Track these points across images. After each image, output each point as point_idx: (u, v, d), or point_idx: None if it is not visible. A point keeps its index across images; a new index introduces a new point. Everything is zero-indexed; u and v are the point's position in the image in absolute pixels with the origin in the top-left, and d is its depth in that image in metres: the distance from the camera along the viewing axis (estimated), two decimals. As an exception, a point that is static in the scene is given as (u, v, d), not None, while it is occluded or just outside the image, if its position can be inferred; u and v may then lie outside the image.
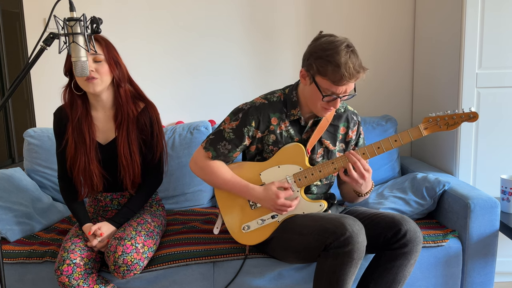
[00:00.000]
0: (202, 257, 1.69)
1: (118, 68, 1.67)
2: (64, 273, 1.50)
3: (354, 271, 1.42)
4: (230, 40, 2.55)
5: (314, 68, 1.46)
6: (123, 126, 1.69)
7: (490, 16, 1.99)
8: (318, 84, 1.47)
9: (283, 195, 1.55)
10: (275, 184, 1.58)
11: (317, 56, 1.45)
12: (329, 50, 1.43)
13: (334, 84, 1.44)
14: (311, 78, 1.49)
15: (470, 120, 1.50)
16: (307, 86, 1.53)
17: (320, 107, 1.52)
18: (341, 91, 1.46)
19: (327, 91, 1.47)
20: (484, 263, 1.78)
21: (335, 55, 1.41)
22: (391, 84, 2.62)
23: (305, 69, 1.51)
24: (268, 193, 1.57)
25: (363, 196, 1.63)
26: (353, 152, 1.53)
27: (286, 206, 1.55)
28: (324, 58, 1.43)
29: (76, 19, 1.24)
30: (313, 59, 1.47)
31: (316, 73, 1.47)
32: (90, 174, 1.69)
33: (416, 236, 1.48)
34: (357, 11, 2.55)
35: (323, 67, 1.43)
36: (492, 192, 2.07)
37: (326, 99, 1.48)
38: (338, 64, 1.41)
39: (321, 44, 1.46)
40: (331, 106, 1.51)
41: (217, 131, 1.65)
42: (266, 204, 1.58)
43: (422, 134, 1.52)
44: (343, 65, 1.40)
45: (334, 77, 1.43)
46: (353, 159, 1.51)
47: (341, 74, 1.41)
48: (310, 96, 1.53)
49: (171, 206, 2.21)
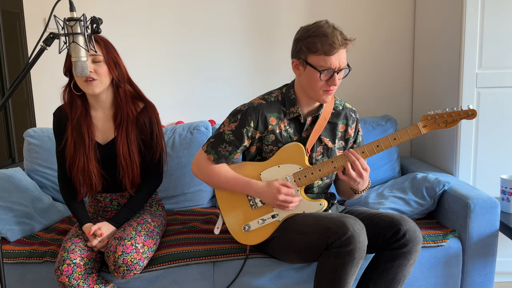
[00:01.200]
0: (202, 257, 1.69)
1: (118, 69, 1.66)
2: (64, 273, 1.50)
3: (355, 270, 1.42)
4: (230, 40, 2.55)
5: (304, 50, 1.50)
6: (122, 127, 1.69)
7: (490, 16, 1.99)
8: (311, 63, 1.50)
9: (285, 191, 1.56)
10: (278, 181, 1.58)
11: (303, 38, 1.51)
12: (312, 28, 1.50)
13: (327, 55, 1.47)
14: (304, 63, 1.52)
15: (469, 118, 1.50)
16: (302, 74, 1.55)
17: (320, 90, 1.53)
18: (335, 63, 1.48)
19: (322, 67, 1.49)
20: (484, 263, 1.78)
21: (319, 29, 1.49)
22: (391, 84, 2.62)
23: (296, 57, 1.55)
24: (270, 188, 1.57)
25: (359, 193, 1.64)
26: (352, 150, 1.54)
27: (287, 202, 1.55)
28: (310, 36, 1.49)
29: (76, 19, 1.24)
30: (300, 43, 1.52)
31: (307, 54, 1.50)
32: (89, 173, 1.69)
33: (415, 236, 1.48)
34: (357, 11, 2.55)
35: (312, 43, 1.48)
36: (492, 192, 2.07)
37: (324, 76, 1.49)
38: (324, 34, 1.46)
39: (303, 29, 1.54)
40: (331, 85, 1.52)
41: (217, 134, 1.65)
42: (266, 199, 1.58)
43: (420, 132, 1.52)
44: (330, 34, 1.46)
45: (324, 47, 1.46)
46: (352, 158, 1.52)
47: (330, 42, 1.45)
48: (308, 82, 1.54)
49: (171, 206, 2.21)
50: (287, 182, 1.58)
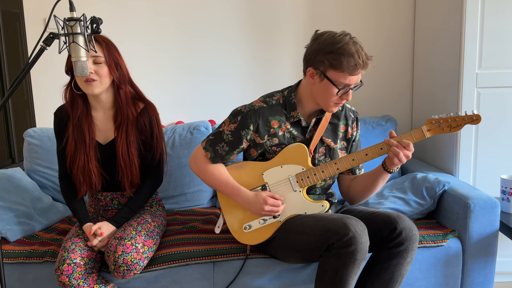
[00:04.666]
0: (202, 257, 1.69)
1: (119, 70, 1.66)
2: (64, 273, 1.50)
3: (356, 271, 1.42)
4: (230, 40, 2.55)
5: (326, 63, 1.48)
6: (122, 128, 1.69)
7: (490, 15, 1.99)
8: (331, 78, 1.49)
9: (271, 202, 1.57)
10: (266, 192, 1.60)
11: (327, 51, 1.47)
12: (338, 43, 1.46)
13: (349, 75, 1.47)
14: (322, 75, 1.50)
15: (473, 123, 1.50)
16: (316, 84, 1.53)
17: (332, 102, 1.53)
18: (354, 81, 1.49)
19: (341, 84, 1.49)
20: (484, 263, 1.78)
21: (345, 47, 1.45)
22: (391, 84, 2.62)
23: (314, 67, 1.52)
24: (258, 198, 1.58)
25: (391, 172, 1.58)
26: (393, 142, 1.51)
27: (273, 212, 1.58)
28: (335, 52, 1.46)
29: (76, 19, 1.24)
30: (322, 55, 1.48)
31: (328, 68, 1.48)
32: (89, 173, 1.70)
33: (412, 234, 1.48)
34: (357, 11, 2.55)
35: (337, 60, 1.46)
36: (492, 192, 2.07)
37: (341, 92, 1.50)
38: (351, 53, 1.44)
39: (326, 40, 1.49)
40: (344, 99, 1.53)
41: (216, 132, 1.65)
42: (252, 209, 1.60)
43: (425, 136, 1.53)
44: (356, 54, 1.44)
45: (349, 66, 1.45)
46: (397, 151, 1.49)
47: (355, 62, 1.44)
48: (322, 93, 1.53)
49: (171, 206, 2.21)
50: (275, 194, 1.60)
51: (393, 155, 1.50)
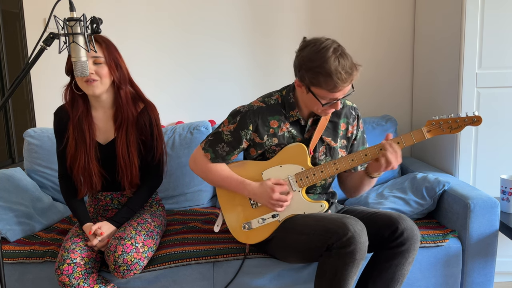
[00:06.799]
0: (202, 257, 1.69)
1: (119, 70, 1.66)
2: (64, 273, 1.51)
3: (355, 271, 1.42)
4: (230, 41, 2.55)
5: (307, 80, 1.46)
6: (122, 128, 1.69)
7: (490, 15, 1.99)
8: (315, 93, 1.48)
9: (279, 190, 1.56)
10: (271, 180, 1.59)
11: (307, 68, 1.44)
12: (317, 61, 1.41)
13: (330, 92, 1.45)
14: (307, 88, 1.49)
15: (474, 124, 1.50)
16: (304, 94, 1.53)
17: (321, 110, 1.54)
18: (340, 95, 1.47)
19: (324, 99, 1.48)
20: (484, 263, 1.78)
21: (324, 65, 1.40)
22: (391, 84, 2.62)
23: (299, 79, 1.51)
24: (264, 188, 1.57)
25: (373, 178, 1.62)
26: (392, 143, 1.52)
27: (281, 201, 1.56)
28: (314, 70, 1.42)
29: (76, 19, 1.24)
30: (304, 71, 1.46)
31: (310, 84, 1.47)
32: (90, 172, 1.70)
33: (413, 234, 1.48)
34: (357, 12, 2.55)
35: (315, 79, 1.43)
36: (492, 192, 2.07)
37: (327, 106, 1.50)
38: (328, 73, 1.40)
39: (308, 54, 1.44)
40: (332, 108, 1.52)
41: (216, 133, 1.65)
42: (261, 200, 1.59)
43: (425, 137, 1.52)
44: (334, 73, 1.40)
45: (328, 86, 1.43)
46: (391, 150, 1.51)
47: (334, 83, 1.41)
48: (310, 102, 1.54)
49: (171, 206, 2.21)
50: (279, 180, 1.59)
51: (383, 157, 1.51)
